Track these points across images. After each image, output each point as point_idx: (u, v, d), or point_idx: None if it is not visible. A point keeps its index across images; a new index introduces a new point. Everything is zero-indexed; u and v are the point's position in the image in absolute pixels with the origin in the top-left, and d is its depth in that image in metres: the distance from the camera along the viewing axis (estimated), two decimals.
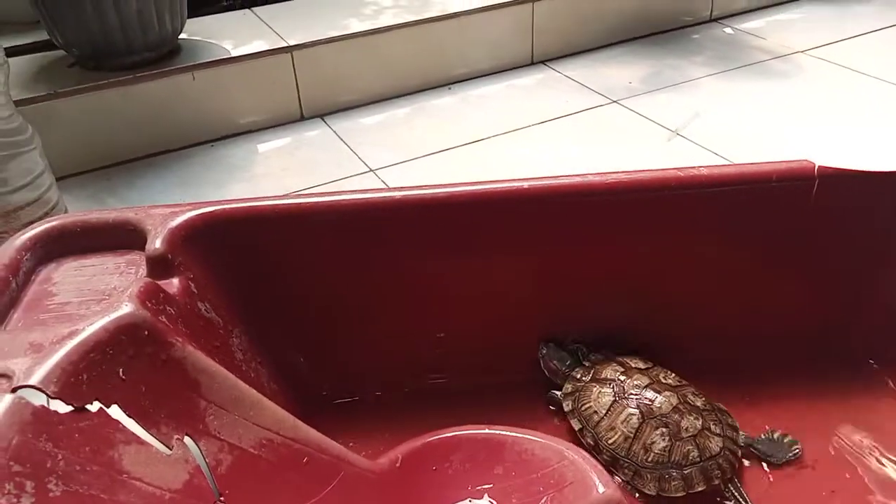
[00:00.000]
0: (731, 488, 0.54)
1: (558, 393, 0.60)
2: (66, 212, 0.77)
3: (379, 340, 0.62)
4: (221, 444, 0.47)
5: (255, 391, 0.50)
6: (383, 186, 0.98)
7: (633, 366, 0.59)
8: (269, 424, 0.49)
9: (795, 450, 0.56)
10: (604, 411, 0.56)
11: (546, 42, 1.31)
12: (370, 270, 0.60)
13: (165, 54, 1.07)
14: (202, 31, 1.16)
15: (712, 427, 0.55)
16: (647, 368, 0.59)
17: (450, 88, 1.24)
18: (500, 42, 1.28)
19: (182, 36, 1.11)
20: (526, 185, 0.58)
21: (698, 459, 0.53)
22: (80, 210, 0.85)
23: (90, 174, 1.02)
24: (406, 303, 0.62)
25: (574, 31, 1.33)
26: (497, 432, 0.55)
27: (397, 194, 0.57)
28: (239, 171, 1.04)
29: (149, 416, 0.44)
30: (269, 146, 1.10)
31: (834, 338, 0.64)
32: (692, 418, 0.55)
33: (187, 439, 0.45)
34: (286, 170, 1.03)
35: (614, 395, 0.56)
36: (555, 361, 0.61)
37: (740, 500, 0.53)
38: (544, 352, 0.61)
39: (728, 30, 1.44)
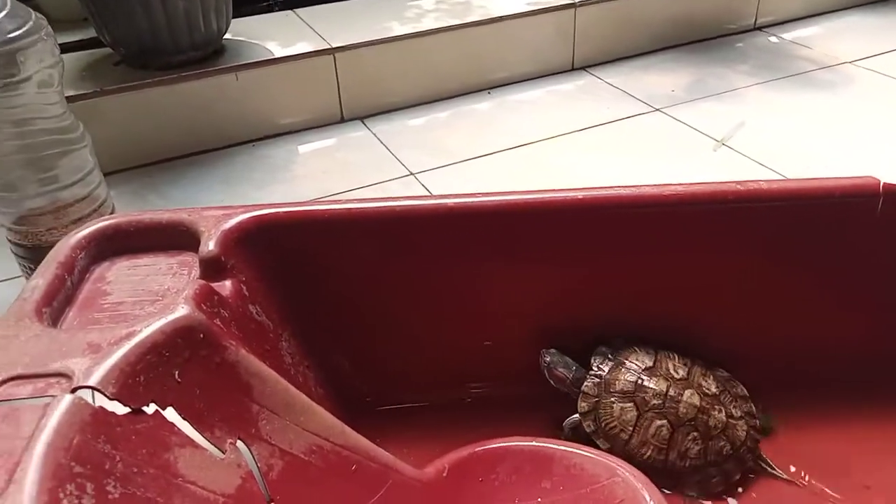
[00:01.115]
0: (760, 462, 0.56)
1: (575, 417, 0.58)
2: (113, 209, 0.78)
3: (423, 348, 0.62)
4: (273, 449, 0.47)
5: (304, 396, 0.50)
6: (424, 192, 0.98)
7: (642, 366, 0.57)
8: (318, 430, 0.49)
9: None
10: (631, 428, 0.55)
11: (587, 48, 1.30)
12: (415, 277, 0.60)
13: (210, 54, 1.07)
14: (246, 31, 1.17)
15: (734, 412, 0.56)
16: (654, 365, 0.57)
17: (489, 93, 1.24)
18: (541, 47, 1.27)
19: (227, 36, 1.12)
20: (580, 195, 0.57)
21: (731, 451, 0.55)
22: (125, 207, 0.86)
23: (134, 171, 1.03)
24: (450, 310, 0.61)
25: (615, 37, 1.32)
26: (545, 445, 0.55)
27: (443, 202, 0.56)
28: (280, 171, 1.04)
29: (203, 420, 0.44)
30: (310, 147, 1.10)
31: (882, 358, 0.63)
32: (716, 413, 0.55)
33: (240, 443, 0.45)
34: (326, 171, 1.03)
35: (637, 410, 0.55)
36: (560, 369, 0.58)
37: (767, 468, 0.56)
38: (548, 360, 0.59)
39: (773, 38, 1.41)
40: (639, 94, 1.21)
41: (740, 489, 0.56)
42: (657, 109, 1.16)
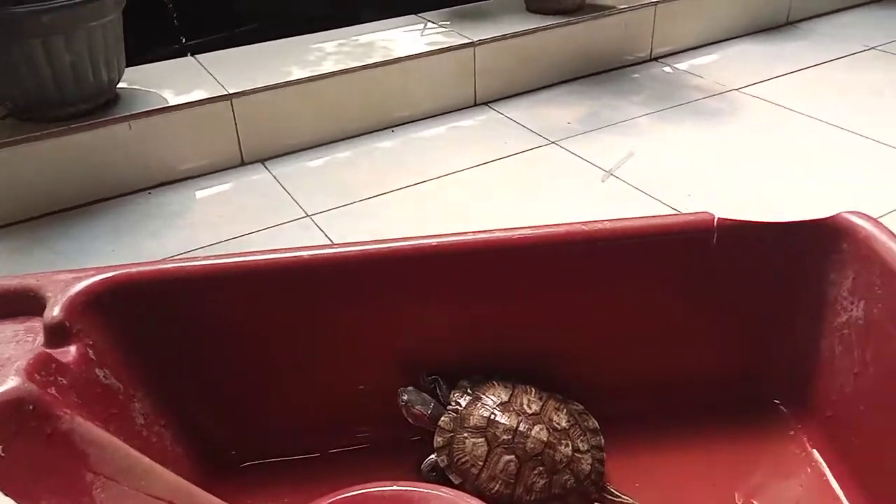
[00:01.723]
0: (605, 494, 0.58)
1: (433, 457, 0.59)
2: None
3: (287, 400, 0.62)
4: None
5: (148, 459, 0.50)
6: (320, 233, 0.99)
7: (497, 401, 0.59)
8: (162, 493, 0.49)
9: None
10: (481, 463, 0.57)
11: (488, 84, 1.33)
12: (277, 328, 0.60)
13: (102, 104, 1.07)
14: (142, 79, 1.16)
15: (581, 446, 0.58)
16: (509, 400, 0.59)
17: (392, 131, 1.26)
18: (443, 85, 1.30)
19: (121, 85, 1.12)
20: (434, 241, 0.59)
21: (575, 485, 0.57)
22: (8, 263, 0.85)
23: (21, 225, 1.02)
24: (316, 358, 0.62)
25: (515, 72, 1.36)
26: (404, 489, 0.55)
27: (298, 254, 0.58)
28: (176, 218, 1.04)
29: (31, 494, 0.43)
30: (208, 193, 1.10)
31: (745, 382, 0.66)
32: (563, 447, 0.57)
33: None
34: (223, 217, 1.04)
35: (487, 444, 0.57)
36: (418, 406, 0.59)
37: (615, 498, 0.58)
38: (405, 398, 0.60)
39: (667, 68, 1.48)
40: (537, 127, 1.25)
41: None
42: (553, 142, 1.20)
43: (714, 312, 0.63)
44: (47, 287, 0.54)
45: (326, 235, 0.98)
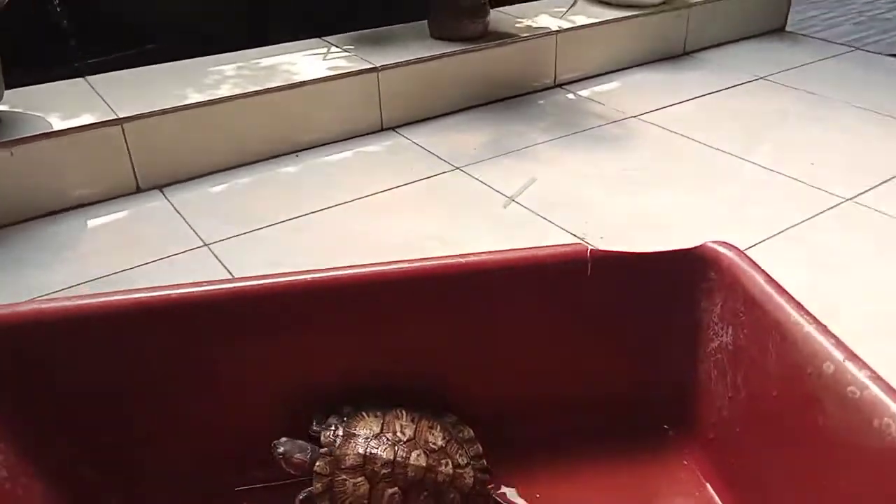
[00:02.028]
0: (493, 499, 0.60)
1: (308, 491, 0.58)
2: None
3: (170, 441, 0.60)
4: None
5: None
6: (218, 264, 0.96)
7: (370, 433, 0.58)
8: None
9: None
10: (366, 501, 0.56)
11: (394, 109, 1.34)
12: (153, 371, 0.58)
13: None
14: (26, 102, 1.11)
15: (460, 460, 0.59)
16: (381, 431, 0.59)
17: (297, 156, 1.25)
18: (348, 110, 1.30)
19: (1, 108, 1.06)
20: (310, 277, 0.58)
21: (462, 500, 0.58)
22: None
23: None
24: (199, 404, 0.60)
25: (421, 98, 1.37)
26: None
27: (166, 293, 0.56)
28: (66, 249, 0.99)
29: None
30: (101, 221, 1.05)
31: (636, 407, 0.68)
32: (443, 468, 0.58)
33: None
34: (116, 247, 0.99)
35: (368, 482, 0.57)
36: (297, 455, 0.58)
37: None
38: (280, 450, 0.58)
39: (571, 95, 1.52)
40: (442, 153, 1.26)
41: None
42: (457, 168, 1.21)
43: (597, 340, 0.65)
44: None
45: (224, 265, 0.96)
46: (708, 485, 0.64)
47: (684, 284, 0.61)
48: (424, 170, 1.21)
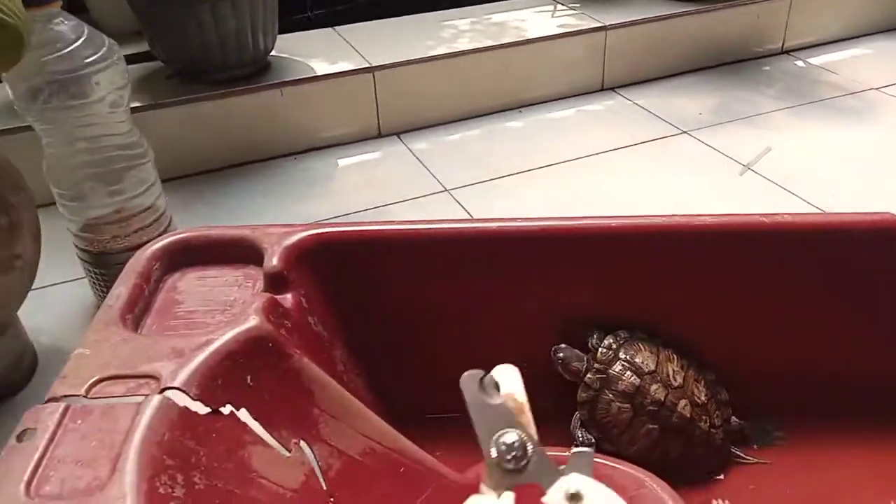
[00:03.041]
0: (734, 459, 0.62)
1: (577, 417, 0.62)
2: (171, 219, 0.83)
3: (465, 361, 0.66)
4: (331, 450, 0.51)
5: (358, 402, 0.54)
6: (459, 208, 1.02)
7: (645, 369, 0.61)
8: (371, 434, 0.53)
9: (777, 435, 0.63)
10: (624, 426, 0.60)
11: (617, 69, 1.34)
12: (459, 295, 0.64)
13: (256, 70, 1.13)
14: (290, 48, 1.22)
15: (715, 420, 0.61)
16: (656, 369, 0.61)
17: (521, 111, 1.28)
18: (572, 68, 1.31)
19: (272, 53, 1.17)
20: (613, 223, 0.61)
21: (705, 456, 0.60)
22: (173, 216, 0.91)
23: (181, 180, 1.09)
24: (487, 325, 0.65)
25: (644, 59, 1.35)
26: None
27: (486, 225, 0.61)
28: (318, 184, 1.09)
29: (271, 421, 0.48)
30: (348, 161, 1.15)
31: None
32: (702, 424, 0.60)
33: (303, 444, 0.49)
34: (365, 185, 1.08)
35: (633, 412, 0.59)
36: (574, 363, 0.62)
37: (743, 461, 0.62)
38: (560, 356, 0.62)
39: (799, 63, 1.44)
40: (667, 116, 1.25)
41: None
42: (684, 132, 1.20)
43: (890, 315, 0.63)
44: (262, 238, 0.59)
45: (466, 210, 1.02)
46: None
47: None
48: (649, 132, 1.20)
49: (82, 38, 0.69)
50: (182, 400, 0.44)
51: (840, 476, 0.61)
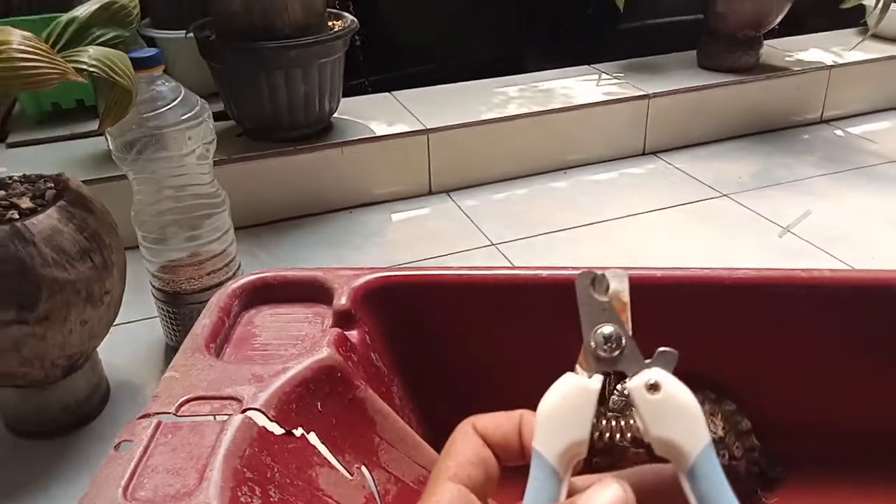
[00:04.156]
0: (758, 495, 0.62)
1: None
2: (240, 264, 0.90)
3: (512, 401, 0.69)
4: (389, 476, 0.55)
5: (414, 433, 0.58)
6: (505, 261, 1.07)
7: None
8: (425, 464, 0.57)
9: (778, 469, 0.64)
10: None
11: (658, 135, 1.39)
12: (510, 338, 0.68)
13: (320, 130, 1.21)
14: (350, 110, 1.31)
15: (735, 453, 0.62)
16: None
17: (565, 173, 1.34)
18: (615, 133, 1.37)
19: (335, 115, 1.26)
20: (659, 273, 0.65)
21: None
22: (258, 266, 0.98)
23: (245, 230, 1.16)
24: (537, 369, 0.69)
25: (685, 125, 1.41)
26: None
27: (538, 273, 0.65)
28: (374, 236, 1.15)
29: (337, 445, 0.53)
30: (401, 216, 1.21)
31: None
32: (720, 459, 0.60)
33: (364, 468, 0.54)
34: (416, 238, 1.14)
35: (648, 457, 0.61)
36: None
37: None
38: None
39: (839, 132, 1.48)
40: (707, 179, 1.29)
41: None
42: (725, 195, 1.24)
43: None
44: (332, 280, 0.65)
45: (510, 262, 1.06)
46: None
47: None
48: (690, 194, 1.24)
49: (179, 98, 0.77)
50: (261, 420, 0.49)
51: None
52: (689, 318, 0.67)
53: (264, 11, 1.07)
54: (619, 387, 0.30)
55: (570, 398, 0.30)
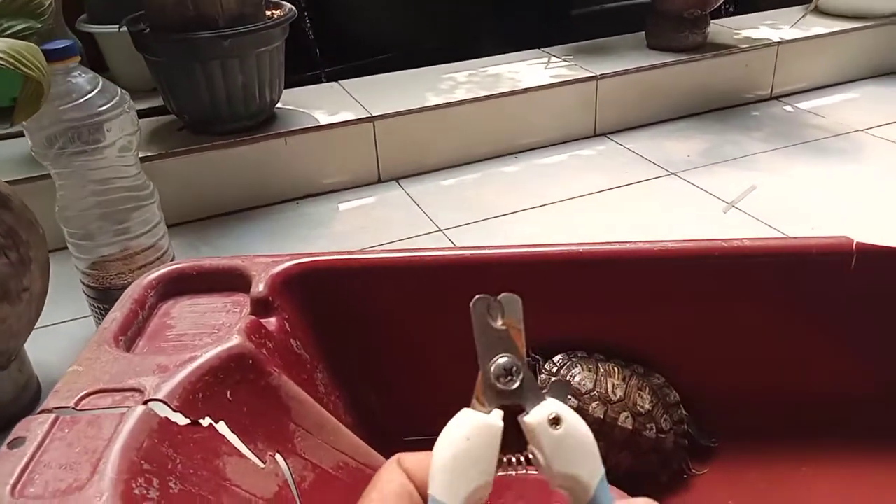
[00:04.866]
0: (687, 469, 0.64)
1: None
2: (173, 257, 0.88)
3: (444, 385, 0.69)
4: (305, 463, 0.54)
5: (335, 419, 0.57)
6: (450, 245, 1.06)
7: (583, 390, 0.63)
8: (345, 449, 0.56)
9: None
10: None
11: (608, 116, 1.39)
12: (439, 320, 0.67)
13: (262, 121, 1.19)
14: (295, 100, 1.29)
15: (663, 426, 0.62)
16: (594, 387, 0.62)
17: (516, 157, 1.33)
18: (565, 115, 1.36)
19: (278, 105, 1.24)
20: (581, 248, 0.64)
21: (659, 462, 0.62)
22: (179, 257, 0.96)
23: (189, 224, 1.14)
24: (462, 353, 0.68)
25: (635, 106, 1.41)
26: None
27: (463, 253, 0.64)
28: (321, 227, 1.14)
29: (248, 434, 0.51)
30: (349, 205, 1.20)
31: (876, 407, 0.67)
32: (647, 433, 0.61)
33: (278, 456, 0.52)
34: (363, 227, 1.13)
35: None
36: None
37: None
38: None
39: (788, 107, 1.48)
40: (656, 159, 1.29)
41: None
42: (673, 173, 1.24)
43: (847, 335, 0.65)
44: (251, 267, 0.63)
45: (455, 245, 1.06)
46: None
47: None
48: (639, 174, 1.24)
49: (97, 89, 0.75)
50: (163, 411, 0.48)
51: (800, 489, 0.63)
52: (614, 292, 0.66)
53: (197, 1, 1.05)
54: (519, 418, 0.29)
55: (474, 439, 0.28)
